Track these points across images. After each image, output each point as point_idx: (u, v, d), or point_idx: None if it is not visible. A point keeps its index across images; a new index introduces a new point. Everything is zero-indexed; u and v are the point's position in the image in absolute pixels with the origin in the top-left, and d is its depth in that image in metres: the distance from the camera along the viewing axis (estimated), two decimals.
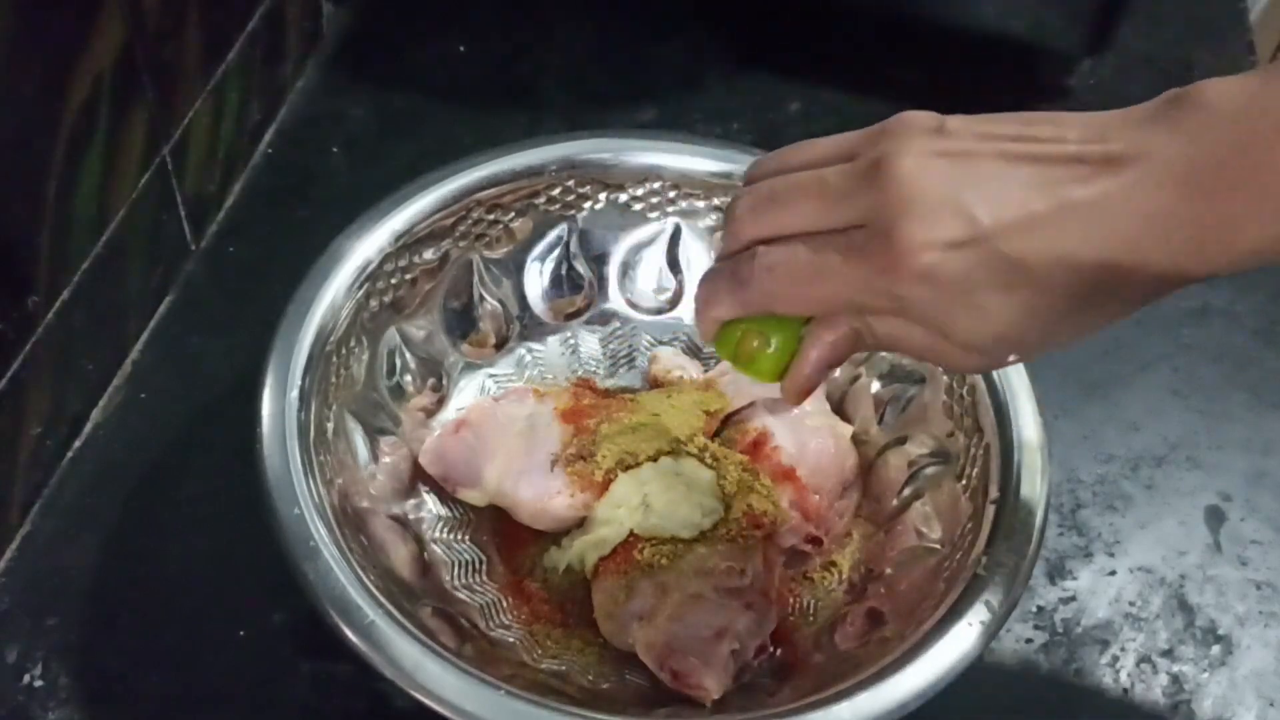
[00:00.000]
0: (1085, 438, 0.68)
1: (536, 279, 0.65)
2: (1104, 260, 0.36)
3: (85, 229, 0.60)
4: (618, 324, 0.67)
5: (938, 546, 0.55)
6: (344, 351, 0.57)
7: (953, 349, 0.40)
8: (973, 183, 0.37)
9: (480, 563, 0.58)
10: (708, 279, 0.44)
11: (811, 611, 0.57)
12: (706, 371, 0.63)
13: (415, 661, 0.46)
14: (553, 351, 0.66)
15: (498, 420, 0.58)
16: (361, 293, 0.58)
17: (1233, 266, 0.37)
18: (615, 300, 0.66)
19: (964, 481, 0.56)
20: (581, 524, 0.57)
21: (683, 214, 0.65)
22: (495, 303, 0.64)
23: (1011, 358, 0.41)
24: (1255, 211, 0.35)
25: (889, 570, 0.56)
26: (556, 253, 0.65)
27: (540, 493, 0.56)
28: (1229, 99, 0.35)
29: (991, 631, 0.49)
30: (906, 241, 0.37)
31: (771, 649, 0.54)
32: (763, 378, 0.44)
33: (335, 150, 0.79)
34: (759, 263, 0.41)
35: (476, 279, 0.63)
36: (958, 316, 0.38)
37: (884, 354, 0.62)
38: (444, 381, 0.63)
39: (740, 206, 0.42)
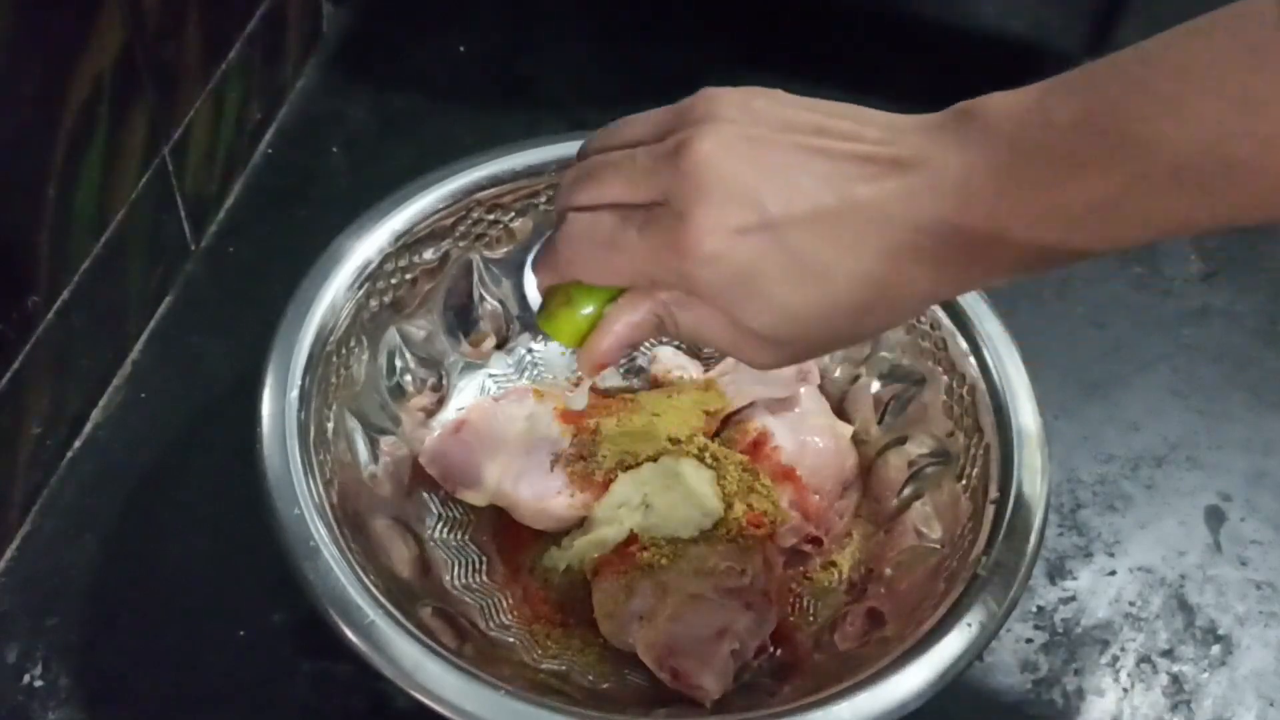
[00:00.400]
0: (1085, 438, 0.68)
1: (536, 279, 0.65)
2: (882, 261, 0.38)
3: (85, 229, 0.60)
4: None
5: (938, 546, 0.55)
6: (344, 351, 0.57)
7: (746, 340, 0.41)
8: (767, 172, 0.38)
9: (480, 563, 0.58)
10: (538, 247, 0.46)
11: (811, 611, 0.57)
12: (706, 371, 0.63)
13: (415, 661, 0.46)
14: (553, 351, 0.66)
15: (498, 420, 0.58)
16: (361, 293, 0.58)
17: (1006, 273, 0.38)
18: None
19: (964, 481, 0.56)
20: (581, 524, 0.57)
21: None
22: (495, 303, 0.64)
23: (804, 353, 0.42)
24: (1020, 219, 0.36)
25: (889, 570, 0.56)
26: None
27: (540, 493, 0.56)
28: (1007, 111, 0.37)
29: (991, 631, 0.49)
30: (697, 225, 0.38)
31: (771, 649, 0.54)
32: (562, 339, 0.45)
33: (335, 150, 0.79)
34: (563, 230, 0.42)
35: (476, 279, 0.63)
36: (744, 303, 0.39)
37: (884, 354, 0.62)
38: (444, 381, 0.63)
39: (564, 179, 0.43)
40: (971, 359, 0.57)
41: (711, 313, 0.41)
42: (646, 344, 0.66)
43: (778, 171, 0.38)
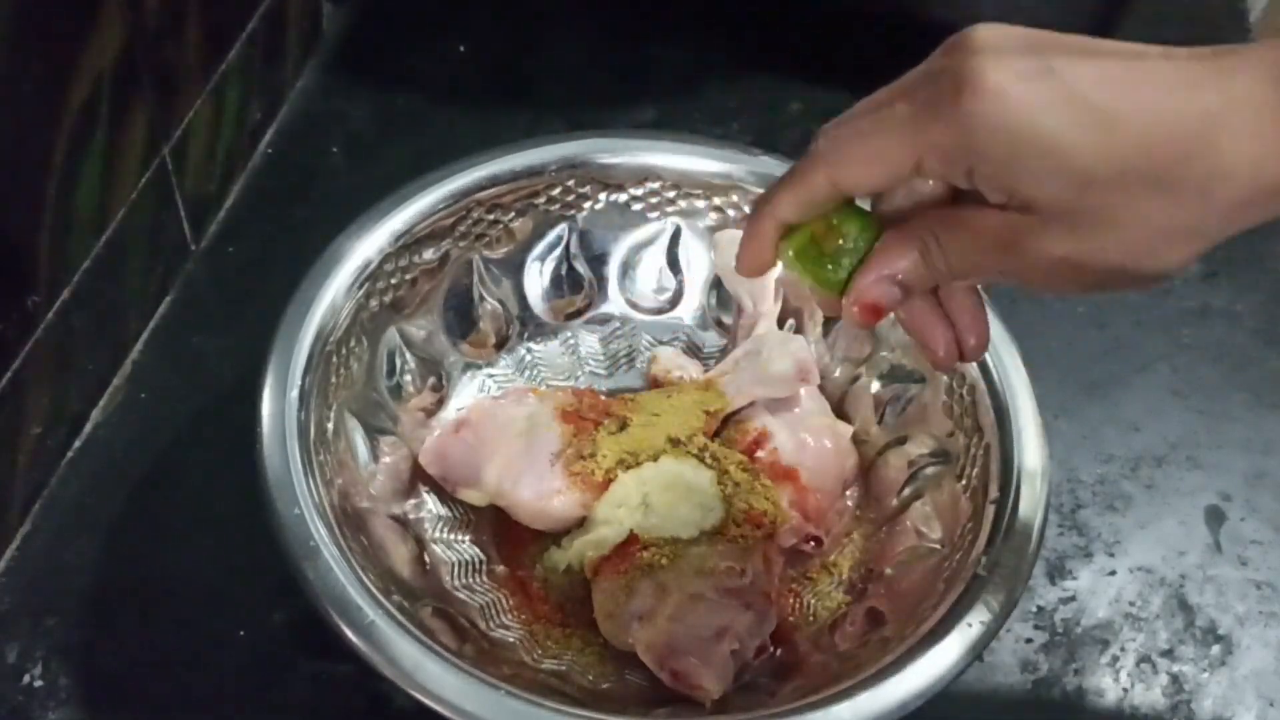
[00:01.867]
0: (1085, 438, 0.68)
1: (536, 279, 0.65)
2: (1182, 117, 0.35)
3: (85, 229, 0.60)
4: (618, 324, 0.67)
5: (938, 546, 0.55)
6: (344, 351, 0.57)
7: (1027, 230, 0.37)
8: (1054, 47, 0.36)
9: (480, 563, 0.58)
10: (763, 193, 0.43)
11: (811, 611, 0.57)
12: (706, 371, 0.63)
13: (415, 661, 0.46)
14: (553, 351, 0.66)
15: (498, 420, 0.58)
16: (361, 293, 0.58)
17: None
18: (615, 300, 0.66)
19: (964, 481, 0.56)
20: (581, 524, 0.57)
21: (683, 214, 0.65)
22: (495, 303, 0.64)
23: (1092, 238, 0.37)
24: None
25: (889, 570, 0.56)
26: (556, 253, 0.65)
27: (540, 493, 0.56)
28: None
29: (991, 631, 0.49)
30: (976, 67, 0.36)
31: (771, 649, 0.54)
32: (826, 287, 0.41)
33: (335, 150, 0.79)
34: (819, 134, 0.39)
35: (476, 279, 0.63)
36: (1025, 155, 0.36)
37: (884, 354, 0.62)
38: (444, 381, 0.63)
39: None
40: None
41: (979, 219, 0.38)
42: (646, 343, 0.66)
43: (1050, 47, 0.36)
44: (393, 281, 0.60)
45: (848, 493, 0.61)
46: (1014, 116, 0.35)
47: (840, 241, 0.41)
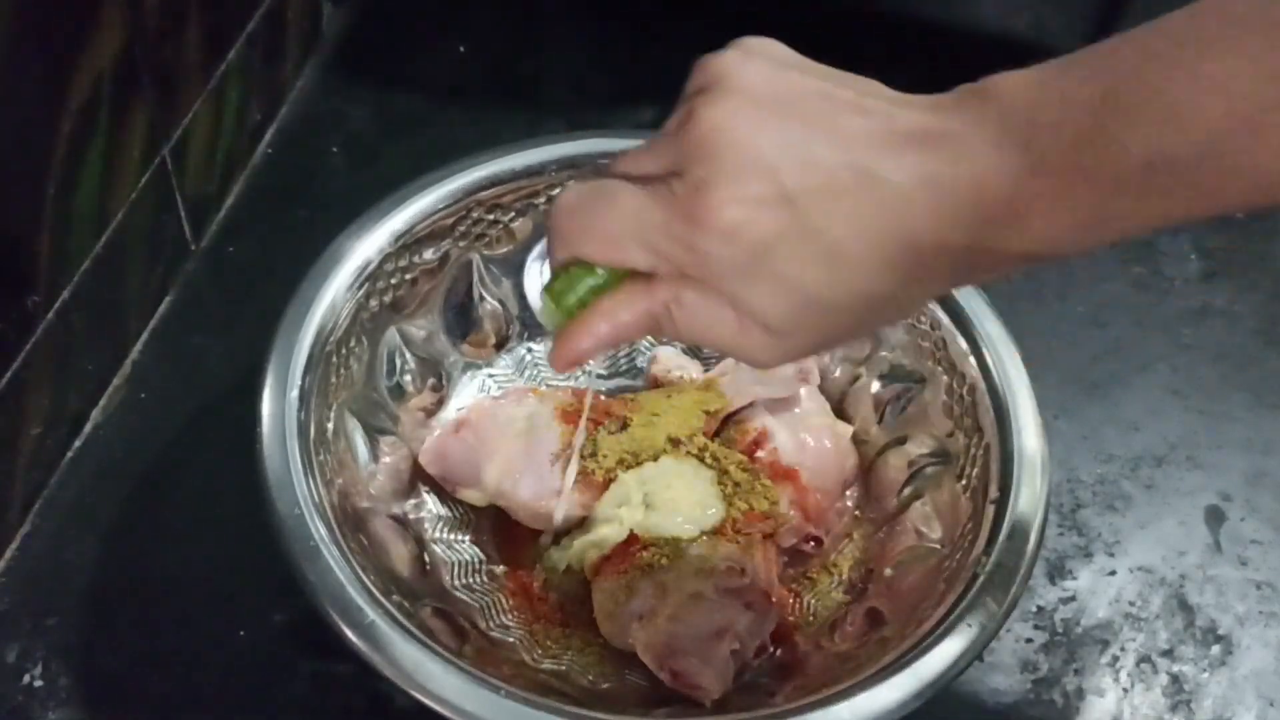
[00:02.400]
0: (1085, 438, 0.68)
1: (536, 279, 0.65)
2: (902, 245, 0.36)
3: (85, 229, 0.60)
4: None
5: (938, 546, 0.55)
6: (344, 351, 0.57)
7: (751, 334, 0.38)
8: (780, 143, 0.36)
9: (480, 563, 0.58)
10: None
11: (811, 611, 0.57)
12: (706, 371, 0.63)
13: (415, 661, 0.46)
14: None
15: (498, 420, 0.58)
16: (361, 293, 0.58)
17: (1022, 261, 0.36)
18: None
19: (964, 481, 0.56)
20: (581, 524, 0.57)
21: None
22: (495, 303, 0.64)
23: (810, 345, 0.39)
24: (1043, 198, 0.35)
25: (889, 570, 0.56)
26: None
27: (540, 493, 0.56)
28: (1022, 90, 0.35)
29: (991, 631, 0.49)
30: (715, 194, 0.36)
31: (771, 649, 0.54)
32: (547, 320, 0.41)
33: (335, 150, 0.79)
34: (563, 196, 0.40)
35: (476, 279, 0.63)
36: (757, 284, 0.37)
37: (884, 354, 0.62)
38: (444, 381, 0.63)
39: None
40: (971, 359, 0.57)
41: (714, 308, 0.38)
42: (646, 343, 0.66)
43: (791, 143, 0.36)
44: (393, 281, 0.60)
45: (848, 493, 0.61)
46: (749, 254, 0.36)
47: (574, 289, 0.40)
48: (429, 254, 0.61)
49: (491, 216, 0.62)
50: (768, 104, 0.37)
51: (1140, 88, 0.33)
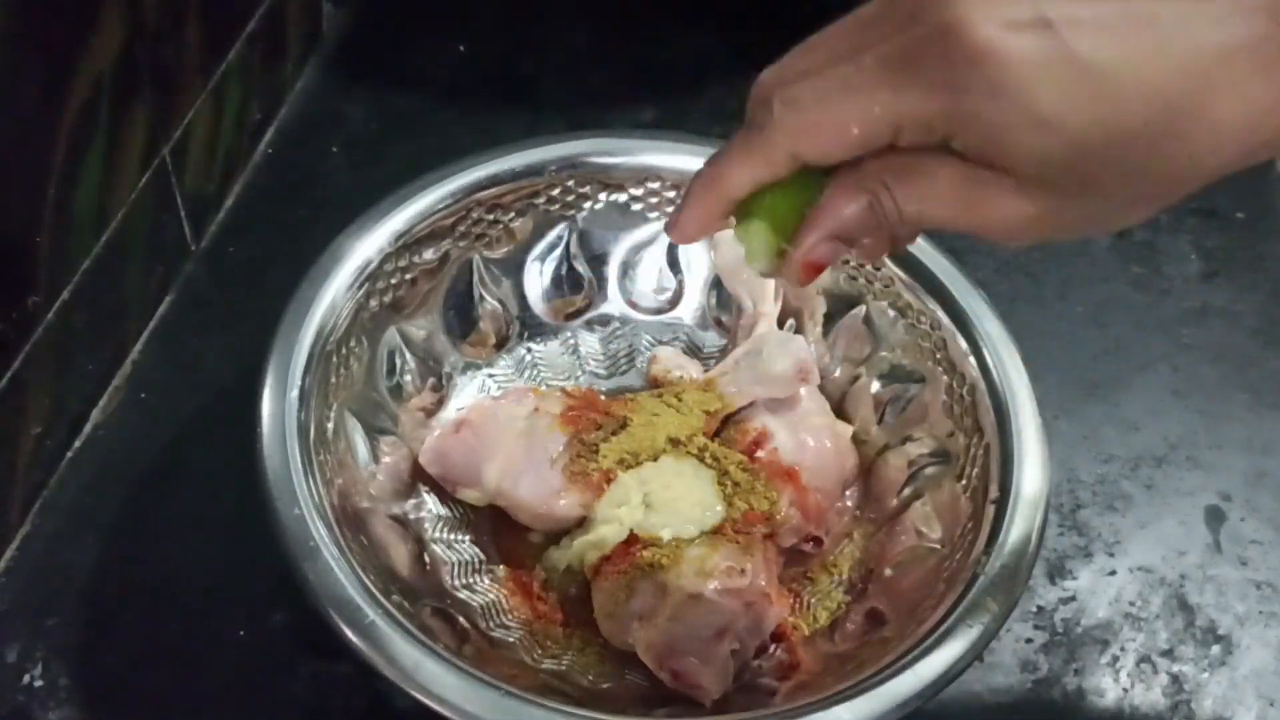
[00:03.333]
0: (1085, 438, 0.68)
1: (536, 279, 0.65)
2: (1182, 76, 0.32)
3: (85, 229, 0.60)
4: (618, 324, 0.67)
5: (938, 546, 0.55)
6: (344, 351, 0.57)
7: (996, 192, 0.34)
8: None
9: (480, 563, 0.58)
10: (712, 158, 0.38)
11: (811, 611, 0.57)
12: (706, 371, 0.63)
13: (415, 661, 0.46)
14: (553, 351, 0.66)
15: (498, 420, 0.58)
16: (361, 293, 0.58)
17: None
18: (615, 300, 0.66)
19: (964, 481, 0.56)
20: (581, 524, 0.57)
21: None
22: (495, 303, 0.64)
23: (1068, 211, 0.34)
24: None
25: (889, 570, 0.56)
26: (556, 253, 0.65)
27: (540, 493, 0.56)
28: None
29: (991, 631, 0.49)
30: (961, 15, 0.32)
31: (771, 649, 0.54)
32: (767, 256, 0.38)
33: (335, 150, 0.79)
34: (779, 97, 0.35)
35: (476, 279, 0.63)
36: (1015, 122, 0.32)
37: (884, 354, 0.62)
38: (444, 381, 0.63)
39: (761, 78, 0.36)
40: (971, 359, 0.57)
41: (940, 166, 0.34)
42: (647, 343, 0.66)
43: None
44: (393, 281, 0.60)
45: (848, 493, 0.61)
46: (1009, 83, 0.32)
47: (789, 209, 0.37)
48: (429, 254, 0.61)
49: (491, 216, 0.62)
50: None
51: None
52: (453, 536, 0.58)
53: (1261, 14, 0.32)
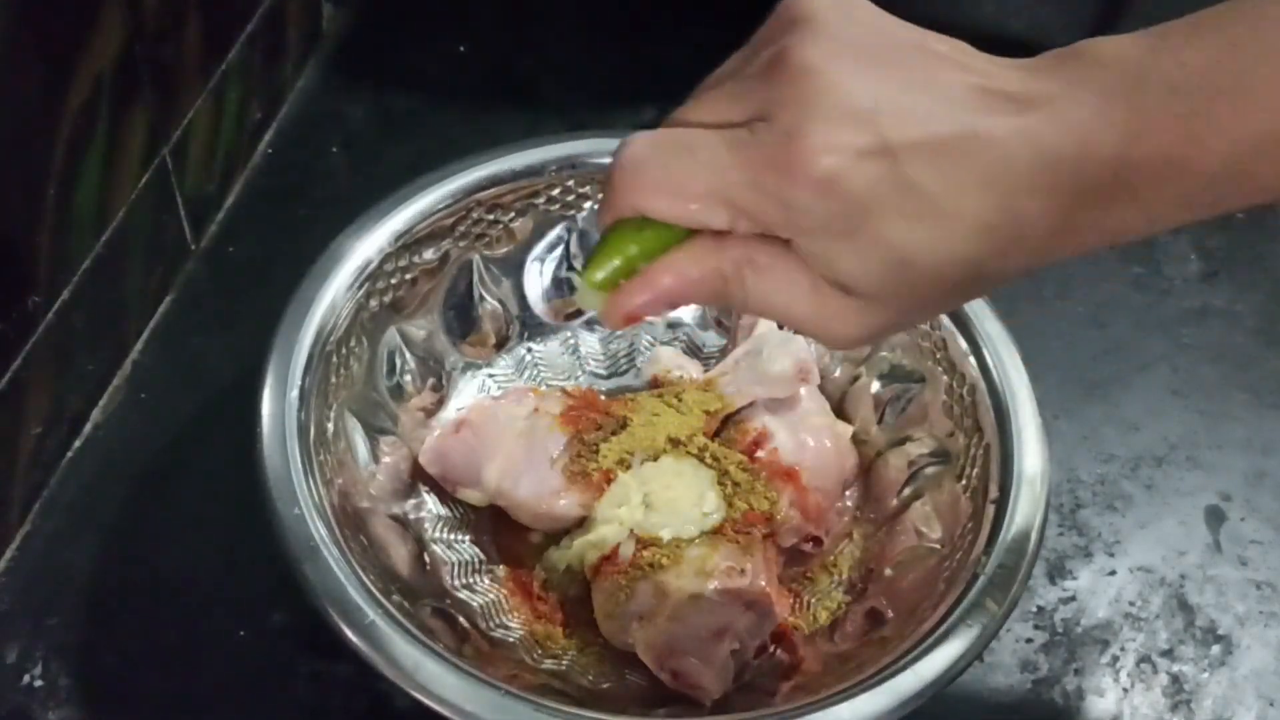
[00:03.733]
0: (1085, 438, 0.68)
1: (536, 279, 0.65)
2: (1002, 207, 0.33)
3: (85, 229, 0.60)
4: None
5: (938, 546, 0.55)
6: (344, 351, 0.57)
7: (834, 304, 0.35)
8: (879, 90, 0.33)
9: (480, 563, 0.58)
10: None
11: (811, 611, 0.57)
12: (706, 371, 0.63)
13: (415, 661, 0.46)
14: (553, 351, 0.66)
15: (498, 420, 0.58)
16: (361, 293, 0.58)
17: (1119, 234, 0.35)
18: None
19: (964, 481, 0.56)
20: (581, 524, 0.57)
21: None
22: (495, 303, 0.64)
23: (895, 320, 0.36)
24: (1152, 163, 0.33)
25: (889, 570, 0.56)
26: (556, 253, 0.65)
27: (540, 493, 0.56)
28: (1125, 53, 0.34)
29: (991, 631, 0.49)
30: (810, 142, 0.33)
31: (771, 649, 0.54)
32: (587, 299, 0.38)
33: (335, 150, 0.79)
34: (627, 149, 0.36)
35: (476, 279, 0.63)
36: (848, 242, 0.34)
37: (884, 354, 0.62)
38: (444, 381, 0.63)
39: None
40: (971, 359, 0.57)
41: (791, 271, 0.35)
42: (647, 343, 0.66)
43: (891, 93, 0.33)
44: (393, 281, 0.60)
45: (848, 493, 0.61)
46: (848, 213, 0.33)
47: (626, 250, 0.37)
48: (429, 254, 0.61)
49: (491, 216, 0.62)
50: (866, 50, 0.34)
51: (1257, 62, 0.32)
52: (453, 536, 0.58)
53: (1075, 136, 0.33)
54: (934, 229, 0.34)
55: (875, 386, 0.62)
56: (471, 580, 0.57)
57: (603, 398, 0.61)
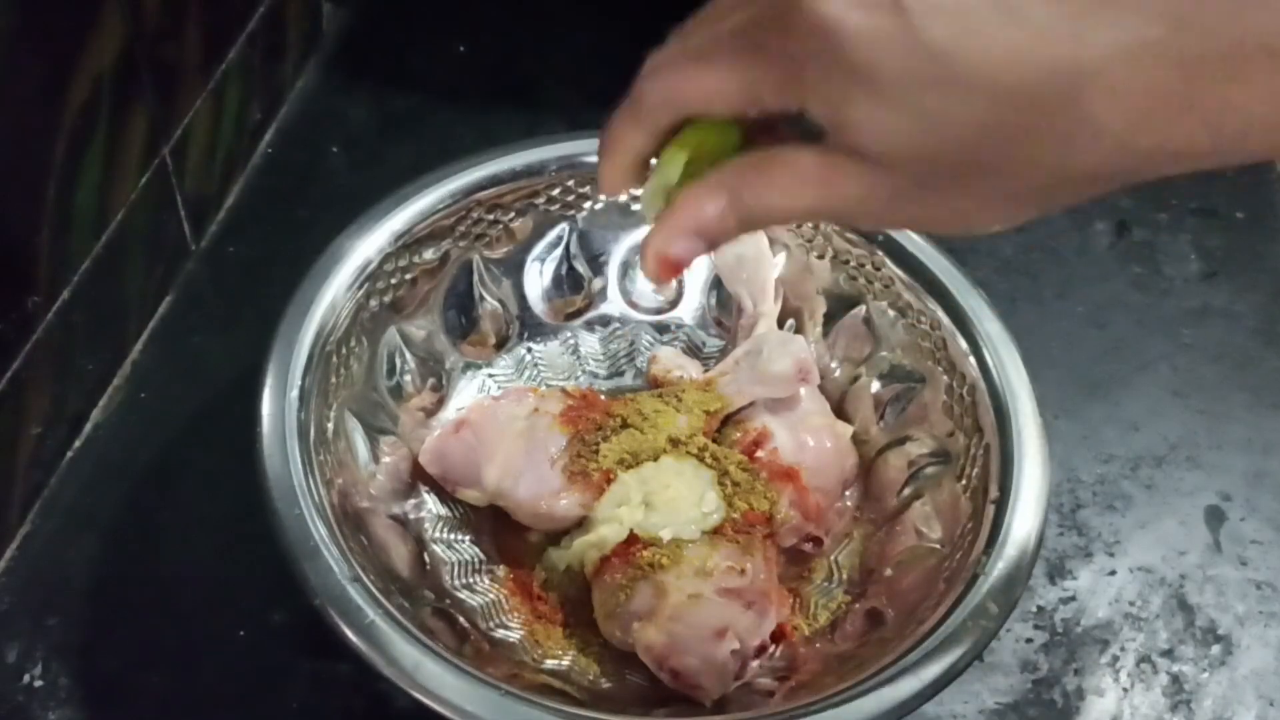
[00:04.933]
0: (1085, 438, 0.68)
1: (536, 279, 0.65)
2: (1046, 81, 0.30)
3: (85, 229, 0.60)
4: (618, 324, 0.67)
5: (938, 546, 0.55)
6: (344, 351, 0.57)
7: (839, 171, 0.33)
8: None
9: (480, 563, 0.58)
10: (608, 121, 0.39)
11: (812, 611, 0.57)
12: (706, 371, 0.63)
13: (415, 661, 0.46)
14: (553, 351, 0.66)
15: (498, 420, 0.58)
16: (361, 293, 0.58)
17: (1177, 157, 0.31)
18: (615, 300, 0.66)
19: (964, 481, 0.56)
20: (581, 524, 0.57)
21: None
22: (495, 303, 0.64)
23: (909, 197, 0.33)
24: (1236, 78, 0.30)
25: (889, 570, 0.56)
26: (556, 253, 0.65)
27: (540, 493, 0.56)
28: None
29: (991, 632, 0.49)
30: None
31: (771, 649, 0.54)
32: (651, 197, 0.38)
33: (335, 150, 0.79)
34: (646, 65, 0.37)
35: (476, 279, 0.63)
36: (854, 96, 0.32)
37: (884, 354, 0.62)
38: (444, 381, 0.63)
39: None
40: (971, 359, 0.57)
41: (804, 155, 0.34)
42: (647, 343, 0.66)
43: None
44: (393, 281, 0.60)
45: (847, 493, 0.61)
46: (847, 58, 0.31)
47: (663, 172, 0.37)
48: (429, 254, 0.61)
49: (491, 216, 0.62)
50: None
51: None
52: (453, 536, 0.58)
53: (1164, 19, 0.30)
54: (945, 89, 0.31)
55: (875, 386, 0.62)
56: (471, 580, 0.57)
57: (603, 398, 0.61)
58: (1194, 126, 0.30)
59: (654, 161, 0.38)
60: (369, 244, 0.58)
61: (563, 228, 0.65)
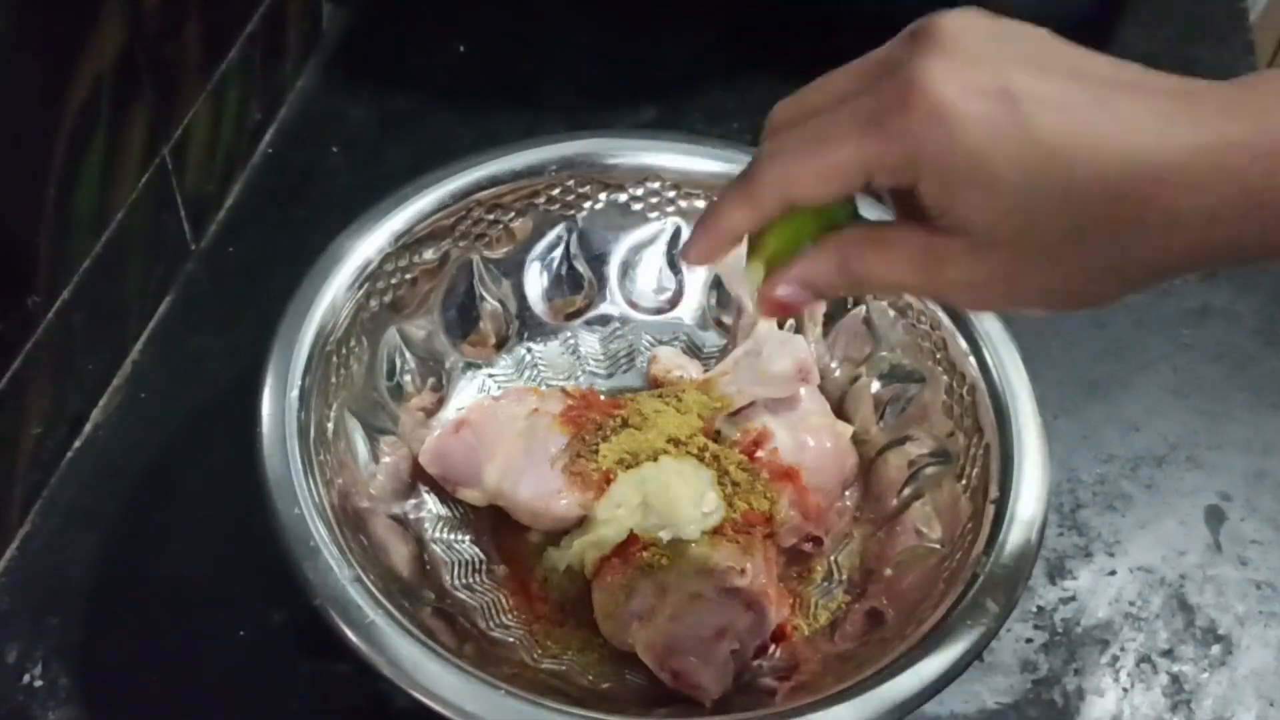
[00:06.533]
0: (1085, 438, 0.68)
1: (536, 279, 0.65)
2: (1133, 174, 0.32)
3: (85, 229, 0.60)
4: (618, 324, 0.67)
5: (938, 546, 0.55)
6: (344, 351, 0.57)
7: (950, 258, 0.36)
8: (1019, 51, 0.34)
9: (480, 563, 0.58)
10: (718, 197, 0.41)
11: (812, 611, 0.57)
12: (706, 371, 0.63)
13: (415, 661, 0.46)
14: (553, 351, 0.66)
15: (498, 420, 0.58)
16: (361, 293, 0.58)
17: (1249, 252, 0.34)
18: (615, 300, 0.66)
19: (964, 481, 0.56)
20: (581, 524, 0.57)
21: (682, 214, 0.65)
22: (495, 303, 0.64)
23: (1002, 277, 0.35)
24: None
25: (889, 570, 0.56)
26: (556, 253, 0.65)
27: (540, 493, 0.56)
28: None
29: (991, 631, 0.49)
30: (927, 72, 0.34)
31: (771, 649, 0.54)
32: (746, 283, 0.41)
33: (335, 150, 0.79)
34: (767, 146, 0.38)
35: (476, 279, 0.63)
36: (965, 178, 0.34)
37: (884, 354, 0.62)
38: (444, 381, 0.63)
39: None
40: (971, 359, 0.57)
41: (912, 235, 0.36)
42: (647, 343, 0.66)
43: (1029, 54, 0.34)
44: (393, 281, 0.60)
45: (847, 493, 0.61)
46: (959, 141, 0.34)
47: (786, 245, 0.40)
48: (429, 254, 0.61)
49: (491, 216, 0.62)
50: (987, 47, 0.34)
51: None
52: (453, 536, 0.58)
53: (1246, 119, 0.32)
54: (1049, 173, 0.33)
55: (875, 386, 0.62)
56: (471, 580, 0.57)
57: (603, 398, 0.61)
58: (1269, 221, 0.33)
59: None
60: (369, 244, 0.58)
61: (563, 228, 0.65)
